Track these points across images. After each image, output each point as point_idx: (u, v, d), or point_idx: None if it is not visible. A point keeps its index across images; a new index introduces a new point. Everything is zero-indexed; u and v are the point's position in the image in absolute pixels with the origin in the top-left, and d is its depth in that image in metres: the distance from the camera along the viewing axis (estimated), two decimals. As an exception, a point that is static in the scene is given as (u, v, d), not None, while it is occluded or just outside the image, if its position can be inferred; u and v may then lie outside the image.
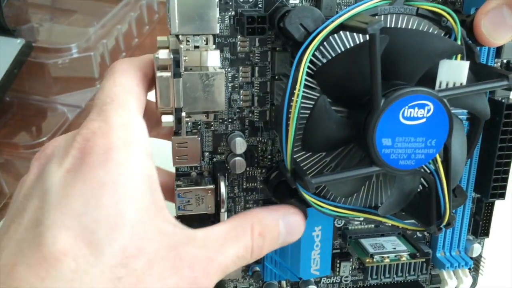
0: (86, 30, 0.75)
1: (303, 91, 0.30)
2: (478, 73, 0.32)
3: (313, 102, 0.30)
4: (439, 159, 0.30)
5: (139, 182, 0.26)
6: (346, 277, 0.44)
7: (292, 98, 0.29)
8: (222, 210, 0.36)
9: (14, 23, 0.71)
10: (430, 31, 0.31)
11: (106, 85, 0.29)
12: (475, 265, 0.45)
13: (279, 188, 0.36)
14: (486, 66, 0.37)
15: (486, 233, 0.43)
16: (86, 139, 0.26)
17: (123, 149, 0.26)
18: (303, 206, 0.32)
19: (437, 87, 0.30)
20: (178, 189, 0.35)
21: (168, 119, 0.32)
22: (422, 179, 0.33)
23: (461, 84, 0.30)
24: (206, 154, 0.37)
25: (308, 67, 0.30)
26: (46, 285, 0.23)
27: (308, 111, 0.30)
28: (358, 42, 0.31)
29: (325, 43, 0.30)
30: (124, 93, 0.28)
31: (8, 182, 0.59)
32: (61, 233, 0.24)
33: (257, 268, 0.41)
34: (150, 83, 0.32)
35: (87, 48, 0.73)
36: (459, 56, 0.30)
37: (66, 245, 0.23)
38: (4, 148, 0.63)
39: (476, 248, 0.43)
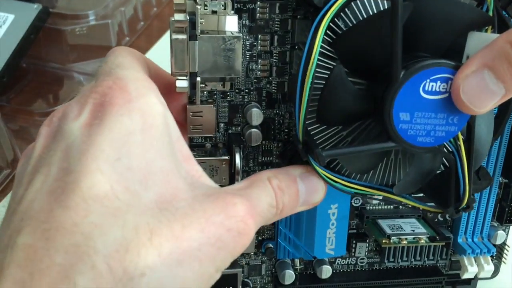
0: (104, -3, 0.74)
1: (322, 60, 0.29)
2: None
3: (330, 72, 0.28)
4: (461, 138, 0.29)
5: (162, 129, 0.26)
6: (362, 258, 0.43)
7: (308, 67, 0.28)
8: (237, 182, 0.35)
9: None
10: None
11: (108, 59, 0.28)
12: (498, 253, 0.43)
13: (294, 159, 0.35)
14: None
15: (511, 221, 0.41)
16: (103, 94, 0.25)
17: (143, 99, 0.25)
18: None
19: (464, 61, 0.28)
20: (191, 159, 0.35)
21: (182, 84, 0.31)
22: (443, 159, 0.31)
23: (490, 59, 0.28)
24: (222, 125, 0.36)
25: (328, 36, 0.29)
26: (90, 219, 0.22)
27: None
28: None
29: (346, 10, 0.29)
30: (128, 61, 0.28)
31: (22, 149, 0.59)
32: (97, 177, 0.23)
33: (270, 245, 0.41)
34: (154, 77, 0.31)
35: (104, 16, 0.72)
36: (489, 28, 0.28)
37: (105, 188, 0.23)
38: (19, 115, 0.64)
39: (500, 235, 0.42)
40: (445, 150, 0.30)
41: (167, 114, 0.26)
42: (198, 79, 0.31)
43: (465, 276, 0.43)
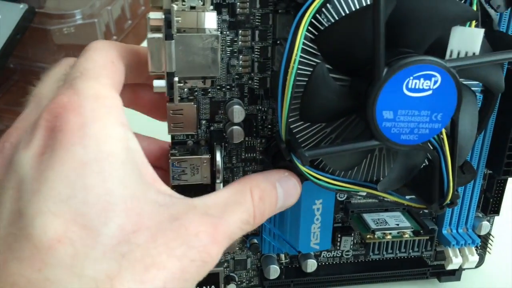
0: (90, -4, 0.73)
1: (305, 57, 0.28)
2: (495, 42, 0.29)
3: (313, 70, 0.28)
4: (444, 135, 0.28)
5: (122, 156, 0.24)
6: (347, 251, 0.43)
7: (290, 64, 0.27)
8: (218, 180, 0.35)
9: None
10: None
11: (78, 61, 0.27)
12: (483, 243, 0.43)
13: (278, 156, 0.34)
14: (505, 35, 0.34)
15: (496, 211, 0.42)
16: (55, 115, 0.24)
17: (98, 123, 0.24)
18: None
19: (447, 57, 0.27)
20: (172, 157, 0.34)
21: (160, 83, 0.30)
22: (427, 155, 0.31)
23: (474, 53, 0.27)
24: (203, 122, 0.36)
25: (311, 32, 0.28)
26: (45, 275, 0.21)
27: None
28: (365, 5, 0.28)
29: (329, 5, 0.28)
30: (96, 68, 0.26)
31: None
32: (49, 220, 0.22)
33: (255, 240, 0.40)
34: (133, 69, 0.30)
35: (91, 15, 0.71)
36: (473, 22, 0.28)
37: (59, 232, 0.22)
38: (5, 114, 0.62)
39: (485, 226, 0.42)
40: (429, 146, 0.29)
41: (128, 137, 0.25)
42: (176, 79, 0.30)
43: (450, 267, 0.43)
